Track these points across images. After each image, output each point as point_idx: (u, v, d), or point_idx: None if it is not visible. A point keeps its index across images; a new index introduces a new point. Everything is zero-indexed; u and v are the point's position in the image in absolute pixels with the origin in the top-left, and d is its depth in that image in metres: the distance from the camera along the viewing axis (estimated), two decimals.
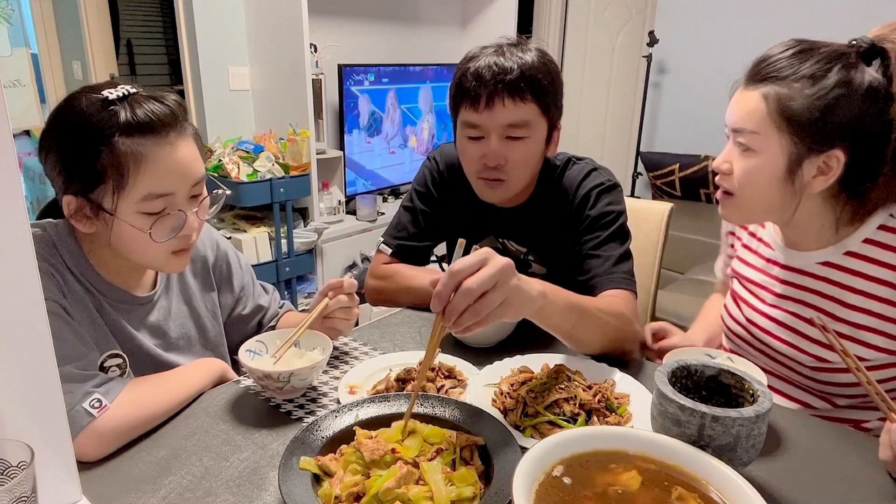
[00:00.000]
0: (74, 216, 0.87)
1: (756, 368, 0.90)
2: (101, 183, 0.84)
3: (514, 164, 1.12)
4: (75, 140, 0.84)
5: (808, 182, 0.88)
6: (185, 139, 0.89)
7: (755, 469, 0.75)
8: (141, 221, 0.86)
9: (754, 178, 0.90)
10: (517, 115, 1.08)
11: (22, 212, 0.58)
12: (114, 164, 0.83)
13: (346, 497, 0.64)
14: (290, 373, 0.87)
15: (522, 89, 1.06)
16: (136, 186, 0.84)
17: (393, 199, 3.42)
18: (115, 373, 0.93)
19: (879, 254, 0.91)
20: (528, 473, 0.61)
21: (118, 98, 0.84)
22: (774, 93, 0.85)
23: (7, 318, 0.59)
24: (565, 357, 1.00)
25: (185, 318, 1.06)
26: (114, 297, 0.95)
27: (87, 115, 0.83)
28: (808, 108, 0.83)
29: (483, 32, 3.64)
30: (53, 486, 0.64)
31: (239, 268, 1.17)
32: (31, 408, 0.62)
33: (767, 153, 0.88)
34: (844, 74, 0.82)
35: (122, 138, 0.83)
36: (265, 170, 2.46)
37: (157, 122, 0.85)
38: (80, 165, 0.84)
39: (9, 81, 3.39)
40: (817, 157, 0.86)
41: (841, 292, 0.95)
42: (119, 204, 0.85)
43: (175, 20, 2.62)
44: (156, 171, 0.85)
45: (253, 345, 0.95)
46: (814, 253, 0.97)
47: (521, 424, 0.82)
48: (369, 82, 3.00)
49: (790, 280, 1.01)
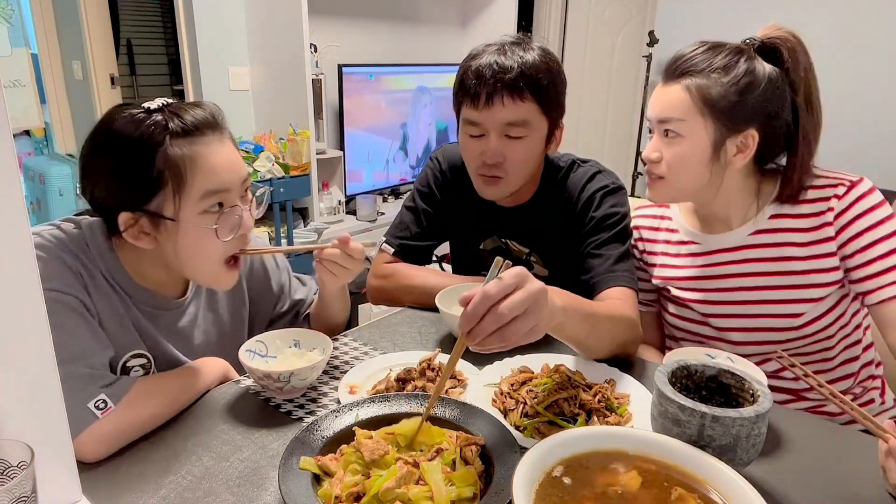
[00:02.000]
0: (131, 233, 0.87)
1: (756, 368, 0.90)
2: (160, 190, 0.85)
3: (511, 162, 1.13)
4: (126, 153, 0.84)
5: (730, 160, 1.00)
6: (227, 141, 0.92)
7: (755, 469, 0.75)
8: (205, 220, 0.88)
9: (684, 160, 1.00)
10: (516, 114, 1.08)
11: (22, 212, 0.58)
12: (170, 167, 0.84)
13: (346, 497, 0.64)
14: (291, 373, 0.87)
15: (521, 88, 1.07)
16: (194, 186, 0.86)
17: (393, 199, 3.42)
18: (137, 373, 0.94)
19: (793, 208, 1.03)
20: (528, 473, 0.61)
21: (159, 108, 0.87)
22: (695, 84, 0.97)
23: (7, 318, 0.59)
24: (565, 357, 1.00)
25: (209, 325, 1.07)
26: (142, 300, 0.95)
27: (133, 128, 0.84)
28: (725, 94, 0.96)
29: (483, 32, 3.64)
30: (53, 486, 0.64)
31: (276, 268, 1.18)
32: (31, 408, 0.62)
33: (693, 137, 0.99)
34: (749, 65, 0.96)
35: (174, 141, 0.84)
36: (265, 170, 2.46)
37: (203, 123, 0.88)
38: (135, 177, 0.84)
39: (9, 81, 3.39)
40: (736, 136, 0.98)
41: (778, 250, 1.05)
42: (181, 208, 0.86)
43: (175, 20, 2.62)
44: (210, 168, 0.87)
45: (253, 345, 0.95)
46: (741, 228, 1.07)
47: (521, 424, 0.82)
48: (369, 82, 3.00)
49: (728, 260, 1.09)
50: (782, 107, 0.98)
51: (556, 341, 1.12)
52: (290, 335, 0.99)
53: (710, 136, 0.98)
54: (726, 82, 0.96)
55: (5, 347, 0.59)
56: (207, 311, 1.07)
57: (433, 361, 0.95)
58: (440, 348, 0.99)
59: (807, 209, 1.03)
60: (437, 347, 1.04)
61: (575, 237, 1.21)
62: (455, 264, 1.44)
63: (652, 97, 1.05)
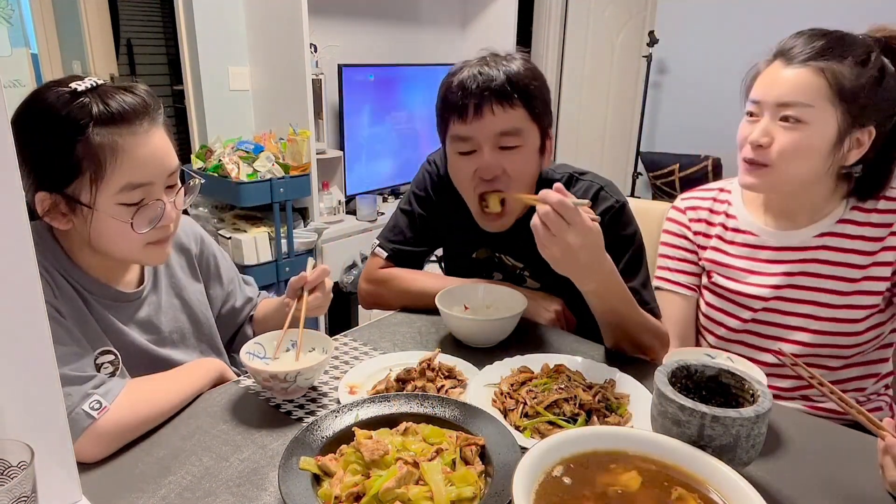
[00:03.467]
0: (49, 214, 0.86)
1: (756, 368, 0.90)
2: (78, 176, 0.83)
3: (511, 175, 1.08)
4: (47, 134, 0.82)
5: (845, 155, 0.95)
6: (158, 129, 0.89)
7: (755, 469, 0.75)
8: (121, 213, 0.86)
9: (804, 149, 0.95)
10: (507, 123, 1.05)
11: (22, 212, 0.58)
12: (90, 155, 0.82)
13: (346, 497, 0.64)
14: (297, 372, 0.87)
15: (510, 94, 1.04)
16: (114, 177, 0.84)
17: (393, 199, 3.42)
18: (107, 370, 0.93)
19: (864, 217, 1.02)
20: (528, 473, 0.61)
21: (87, 90, 0.84)
22: (831, 68, 0.91)
23: (7, 318, 0.59)
24: (565, 357, 1.00)
25: (177, 312, 1.06)
26: (101, 293, 0.94)
27: (57, 109, 0.82)
28: (861, 85, 0.91)
29: (483, 32, 3.64)
30: (53, 486, 0.64)
31: (224, 260, 1.18)
32: (31, 408, 0.62)
33: (818, 125, 0.93)
34: (881, 61, 0.92)
35: (97, 129, 0.82)
36: (265, 170, 2.46)
37: (131, 111, 0.84)
38: (53, 160, 0.83)
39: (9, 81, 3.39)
40: (859, 131, 0.94)
41: (839, 255, 1.03)
42: (98, 197, 0.84)
43: (175, 20, 2.62)
44: (133, 160, 0.84)
45: (252, 347, 0.95)
46: (808, 227, 1.05)
47: (521, 424, 0.82)
48: (369, 82, 2.99)
49: (789, 258, 1.07)
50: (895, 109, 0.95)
51: (556, 342, 1.12)
52: (287, 336, 0.99)
53: (837, 126, 0.92)
54: (863, 73, 0.91)
55: (5, 347, 0.59)
56: (173, 298, 1.06)
57: (433, 361, 0.95)
58: (440, 348, 0.99)
59: (877, 219, 1.01)
60: (437, 347, 1.04)
61: None
62: (448, 270, 1.41)
63: (764, 78, 0.98)
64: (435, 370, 0.94)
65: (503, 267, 1.29)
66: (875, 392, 1.12)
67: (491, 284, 1.23)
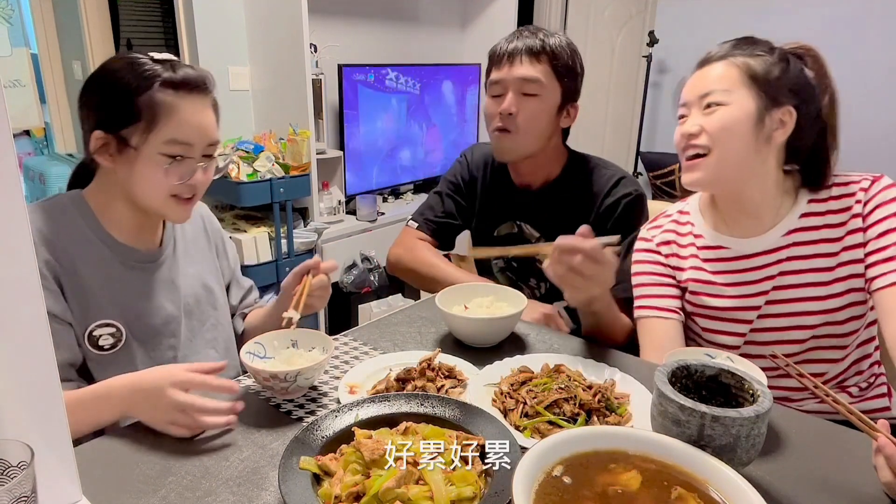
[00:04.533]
0: (99, 151, 0.98)
1: (756, 368, 0.90)
2: (134, 122, 0.96)
3: (523, 118, 1.26)
4: (120, 83, 0.97)
5: (771, 133, 1.01)
6: (208, 105, 1.03)
7: (755, 469, 0.75)
8: (159, 161, 0.98)
9: (731, 125, 1.01)
10: (531, 71, 1.24)
11: (22, 212, 0.58)
12: (150, 107, 0.96)
13: (346, 497, 0.64)
14: (297, 372, 0.87)
15: (538, 51, 1.24)
16: (163, 131, 0.97)
17: (393, 199, 3.42)
18: (106, 341, 1.00)
19: (822, 206, 1.05)
20: (528, 473, 0.61)
21: (161, 60, 0.99)
22: (740, 60, 1.02)
23: (7, 317, 0.59)
24: (565, 357, 1.00)
25: (191, 279, 1.14)
26: (124, 254, 1.04)
27: (134, 66, 0.97)
28: (768, 69, 1.01)
29: (483, 32, 3.64)
30: (53, 486, 0.64)
31: (231, 246, 1.28)
32: (31, 408, 0.62)
33: (738, 103, 1.00)
34: (784, 52, 1.03)
35: (162, 88, 0.97)
36: (265, 170, 2.46)
37: (192, 83, 0.99)
38: (119, 104, 0.96)
39: (9, 81, 3.39)
40: (778, 109, 1.01)
41: (811, 248, 1.05)
42: (145, 143, 0.97)
43: (175, 20, 2.62)
44: (183, 121, 0.98)
45: (252, 346, 0.95)
46: (773, 229, 1.07)
47: (521, 424, 0.82)
48: (369, 82, 2.99)
49: (764, 263, 1.08)
50: (813, 96, 1.03)
51: (555, 341, 1.12)
52: (287, 336, 0.99)
53: (755, 103, 1.00)
54: (769, 60, 1.01)
55: (5, 347, 0.59)
56: (188, 265, 1.15)
57: (433, 361, 0.95)
58: (440, 348, 0.99)
59: (835, 205, 1.04)
60: (437, 347, 1.04)
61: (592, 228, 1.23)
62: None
63: (687, 84, 1.07)
64: (435, 370, 0.94)
65: (522, 237, 1.40)
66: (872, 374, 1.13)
67: (491, 284, 1.23)
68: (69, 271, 0.97)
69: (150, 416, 0.83)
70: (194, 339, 1.13)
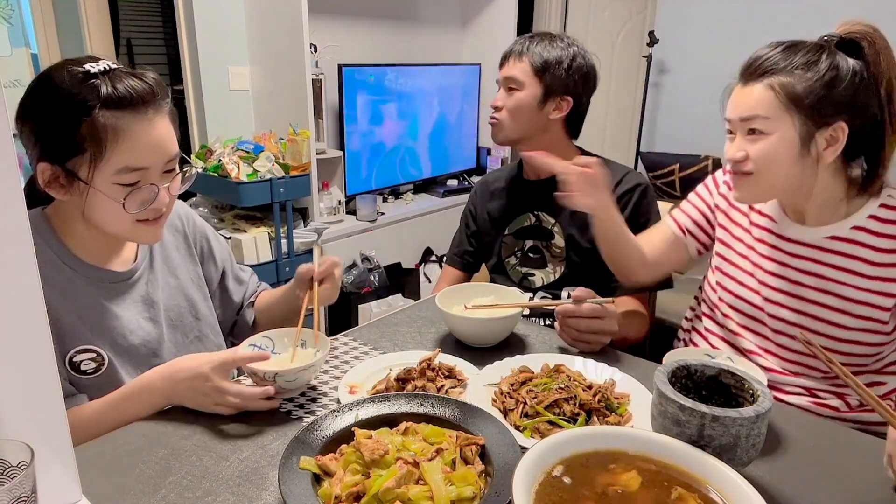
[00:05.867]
0: (49, 184, 0.89)
1: (756, 368, 0.90)
2: (79, 153, 0.86)
3: (506, 109, 1.43)
4: (55, 110, 0.86)
5: (820, 153, 0.98)
6: (162, 116, 0.91)
7: (755, 469, 0.75)
8: (115, 192, 0.88)
9: (774, 155, 0.99)
10: (512, 71, 1.41)
11: (22, 211, 0.58)
12: (93, 135, 0.85)
13: (346, 497, 0.64)
14: (275, 373, 0.87)
15: (520, 53, 1.40)
16: (112, 159, 0.86)
17: (393, 198, 3.42)
18: (88, 366, 0.94)
19: (882, 227, 1.02)
20: (528, 473, 0.61)
21: (100, 72, 0.87)
22: (778, 82, 0.97)
23: (7, 317, 0.59)
24: (565, 357, 1.00)
25: (173, 291, 1.08)
26: (94, 276, 0.96)
27: (69, 87, 0.85)
28: (810, 89, 0.95)
29: (483, 32, 3.63)
30: (53, 486, 0.64)
31: (217, 242, 1.20)
32: (31, 408, 0.62)
33: (780, 132, 0.97)
34: (832, 60, 0.96)
35: (102, 111, 0.85)
36: (265, 170, 2.45)
37: (137, 97, 0.87)
38: (58, 135, 0.86)
39: (9, 81, 3.39)
40: (825, 129, 0.96)
41: (848, 261, 1.03)
42: (95, 175, 0.87)
43: (175, 20, 2.62)
44: (133, 145, 0.87)
45: (259, 340, 0.95)
46: (822, 228, 1.05)
47: (521, 424, 0.82)
48: (369, 82, 2.99)
49: (798, 253, 1.08)
50: (870, 99, 0.97)
51: (555, 341, 1.12)
52: (295, 334, 0.99)
53: (798, 130, 0.97)
54: (810, 77, 0.95)
55: (5, 347, 0.59)
56: (168, 276, 1.08)
57: (433, 361, 0.95)
58: (440, 348, 0.99)
59: (892, 230, 1.01)
60: (437, 347, 1.04)
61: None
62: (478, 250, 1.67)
63: (731, 98, 1.04)
64: (435, 370, 0.94)
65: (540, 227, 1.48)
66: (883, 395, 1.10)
67: (491, 284, 1.23)
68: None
69: (195, 402, 0.87)
70: (179, 354, 1.05)
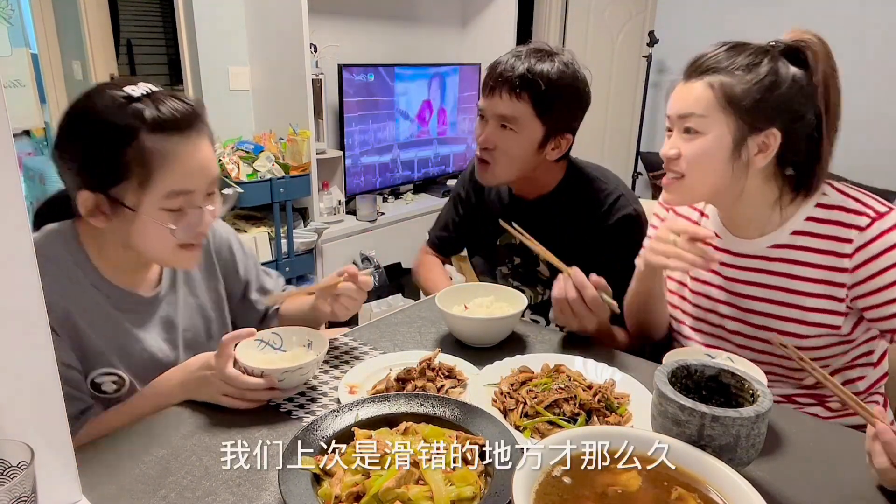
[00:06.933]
0: (91, 213, 0.87)
1: (756, 368, 0.90)
2: (125, 179, 0.84)
3: (500, 151, 1.24)
4: (99, 137, 0.84)
5: (751, 159, 0.98)
6: (204, 138, 0.90)
7: (755, 469, 0.75)
8: (162, 217, 0.87)
9: (704, 156, 0.99)
10: (509, 109, 1.20)
11: (22, 212, 0.58)
12: (139, 161, 0.83)
13: (346, 497, 0.64)
14: (262, 371, 0.87)
15: (518, 89, 1.18)
16: (159, 184, 0.85)
17: (393, 199, 3.42)
18: (109, 388, 0.94)
19: (821, 228, 1.00)
20: (528, 473, 0.61)
21: (142, 95, 0.85)
22: (718, 81, 0.96)
23: (7, 318, 0.59)
24: (565, 357, 1.00)
25: (192, 310, 1.07)
26: (119, 298, 0.95)
27: (111, 112, 0.83)
28: (748, 91, 0.94)
29: (483, 32, 3.64)
30: (53, 486, 0.64)
31: (242, 252, 1.17)
32: (31, 408, 0.62)
33: (714, 133, 0.97)
34: (773, 65, 0.95)
35: (148, 135, 0.83)
36: (265, 170, 2.46)
37: (182, 119, 0.86)
38: (102, 162, 0.84)
39: (9, 81, 3.39)
40: (758, 135, 0.96)
41: (792, 267, 1.02)
42: (143, 201, 0.85)
43: (175, 20, 2.62)
44: (180, 168, 0.86)
45: (268, 336, 0.96)
46: (762, 238, 1.05)
47: (521, 424, 0.82)
48: (369, 82, 3.00)
49: (742, 265, 1.07)
50: (807, 108, 0.96)
51: (555, 342, 1.12)
52: (306, 335, 0.99)
53: (732, 132, 0.96)
54: (749, 80, 0.94)
55: (5, 347, 0.59)
56: (189, 296, 1.07)
57: (433, 361, 0.95)
58: (440, 348, 0.99)
59: (831, 231, 0.99)
60: (437, 347, 1.04)
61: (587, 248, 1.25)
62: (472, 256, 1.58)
63: (673, 94, 1.03)
64: (435, 370, 0.94)
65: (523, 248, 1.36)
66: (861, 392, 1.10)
67: (491, 284, 1.23)
68: (63, 320, 0.88)
69: (203, 391, 0.89)
70: None
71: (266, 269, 1.24)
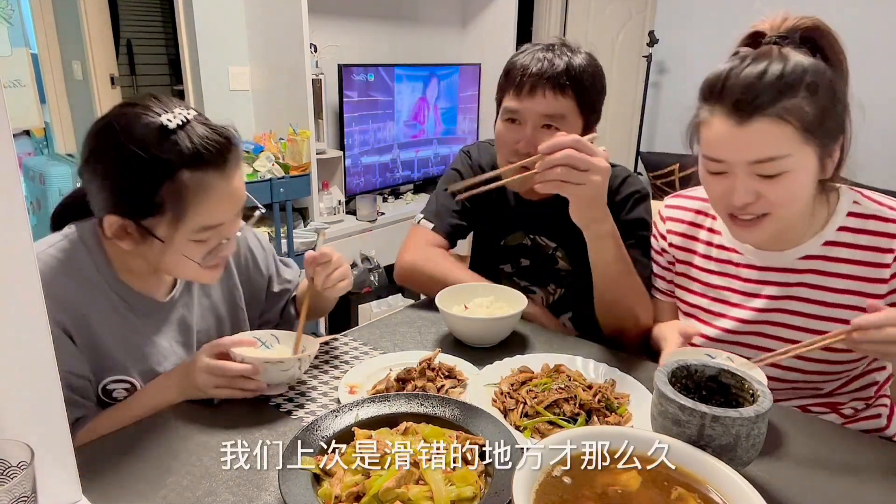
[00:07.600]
0: (117, 235, 0.85)
1: (756, 368, 0.89)
2: (159, 213, 0.83)
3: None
4: (134, 169, 0.81)
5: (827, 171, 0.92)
6: (239, 167, 0.89)
7: (755, 469, 0.75)
8: (191, 250, 0.87)
9: (796, 192, 0.90)
10: (554, 107, 1.14)
11: (22, 212, 0.58)
12: (175, 196, 0.82)
13: (346, 497, 0.64)
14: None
15: (564, 84, 1.13)
16: (193, 219, 0.85)
17: (393, 199, 3.42)
18: (120, 395, 0.94)
19: (855, 238, 0.96)
20: (528, 473, 0.61)
21: (178, 126, 0.83)
22: (791, 111, 0.85)
23: (7, 318, 0.59)
24: (565, 357, 1.00)
25: (205, 311, 1.08)
26: (137, 303, 0.95)
27: (150, 144, 0.81)
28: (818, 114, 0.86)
29: (483, 32, 3.64)
30: (53, 486, 0.64)
31: (261, 249, 1.17)
32: (31, 408, 0.62)
33: (802, 166, 0.88)
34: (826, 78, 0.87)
35: (186, 171, 0.82)
36: (265, 170, 2.46)
37: (219, 154, 0.85)
38: (137, 194, 0.83)
39: (9, 81, 3.39)
40: (835, 145, 0.90)
41: (823, 279, 0.98)
42: (175, 235, 0.85)
43: (175, 20, 2.62)
44: (214, 203, 0.85)
45: (265, 335, 0.97)
46: (793, 249, 1.00)
47: (521, 424, 0.82)
48: (369, 82, 3.00)
49: (772, 280, 1.02)
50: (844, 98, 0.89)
51: (556, 342, 1.12)
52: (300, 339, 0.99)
53: (817, 156, 0.88)
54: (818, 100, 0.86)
55: (5, 348, 0.59)
56: (203, 297, 1.07)
57: (433, 361, 0.95)
58: (440, 348, 0.99)
59: (866, 241, 0.95)
60: (437, 347, 1.04)
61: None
62: (474, 258, 1.46)
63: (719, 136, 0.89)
64: (435, 370, 0.94)
65: (535, 251, 1.33)
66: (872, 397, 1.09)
67: (491, 284, 1.23)
68: (81, 326, 0.88)
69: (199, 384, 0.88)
70: None
71: (284, 259, 1.24)
